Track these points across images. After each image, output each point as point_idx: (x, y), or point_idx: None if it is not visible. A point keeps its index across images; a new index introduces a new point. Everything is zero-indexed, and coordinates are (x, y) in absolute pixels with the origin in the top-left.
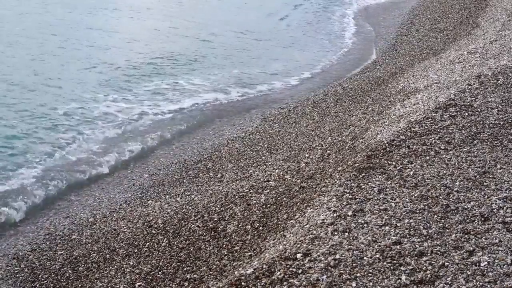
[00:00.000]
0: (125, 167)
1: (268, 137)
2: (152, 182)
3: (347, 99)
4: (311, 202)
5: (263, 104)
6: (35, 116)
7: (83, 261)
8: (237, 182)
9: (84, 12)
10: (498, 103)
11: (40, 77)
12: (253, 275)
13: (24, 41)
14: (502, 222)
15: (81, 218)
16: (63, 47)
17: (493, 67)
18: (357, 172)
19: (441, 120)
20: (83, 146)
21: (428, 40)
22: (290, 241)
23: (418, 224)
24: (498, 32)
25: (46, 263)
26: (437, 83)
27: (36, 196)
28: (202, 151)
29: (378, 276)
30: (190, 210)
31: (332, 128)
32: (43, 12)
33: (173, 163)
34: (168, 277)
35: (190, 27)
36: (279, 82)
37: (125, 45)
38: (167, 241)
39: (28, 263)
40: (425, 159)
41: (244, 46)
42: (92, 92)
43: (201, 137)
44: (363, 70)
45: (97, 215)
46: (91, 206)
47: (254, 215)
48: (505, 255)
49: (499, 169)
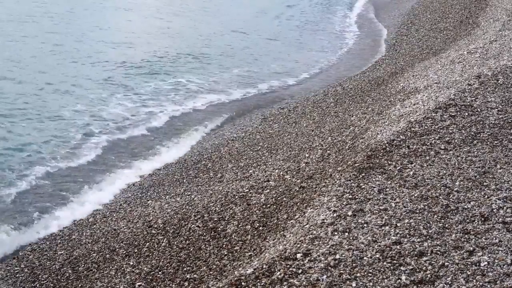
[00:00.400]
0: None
1: (268, 137)
2: (152, 182)
3: (347, 99)
4: (311, 202)
5: (264, 104)
6: (42, 118)
7: (83, 261)
8: (237, 182)
9: (85, 10)
10: (498, 103)
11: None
12: (253, 275)
13: (27, 40)
14: (502, 222)
15: (81, 218)
16: (69, 45)
17: (493, 67)
18: (357, 172)
19: (441, 120)
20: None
21: (428, 40)
22: (290, 241)
23: (418, 224)
24: (498, 32)
25: (46, 263)
26: (437, 83)
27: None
28: (202, 151)
29: (378, 276)
30: (190, 210)
31: (332, 128)
32: (44, 12)
33: (173, 163)
34: (168, 277)
35: (190, 26)
36: (278, 81)
37: (124, 44)
38: (167, 241)
39: (28, 263)
40: (425, 159)
41: (246, 45)
42: (94, 91)
43: (201, 137)
44: (364, 70)
45: (97, 215)
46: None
47: (254, 215)
48: (505, 255)
49: (499, 169)
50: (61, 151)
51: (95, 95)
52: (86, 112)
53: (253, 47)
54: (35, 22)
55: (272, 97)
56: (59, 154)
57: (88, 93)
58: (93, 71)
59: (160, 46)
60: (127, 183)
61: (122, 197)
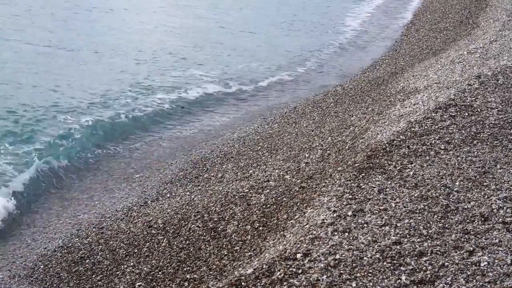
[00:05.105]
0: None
1: (268, 137)
2: (152, 182)
3: (347, 99)
4: (311, 202)
5: (264, 104)
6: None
7: (83, 261)
8: (237, 182)
9: (88, 9)
10: (498, 103)
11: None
12: (253, 275)
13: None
14: (502, 222)
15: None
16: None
17: (493, 67)
18: (357, 172)
19: (441, 120)
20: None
21: (428, 40)
22: (290, 241)
23: (418, 224)
24: (498, 32)
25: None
26: (437, 83)
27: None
28: (202, 151)
29: (378, 276)
30: (190, 210)
31: (332, 128)
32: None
33: (173, 163)
34: (168, 277)
35: (189, 25)
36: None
37: (130, 41)
38: (167, 241)
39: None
40: (425, 159)
41: (250, 41)
42: (96, 88)
43: (201, 137)
44: (364, 70)
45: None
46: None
47: (254, 215)
48: (505, 255)
49: (499, 169)
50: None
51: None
52: (87, 106)
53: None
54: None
55: (272, 97)
56: (59, 151)
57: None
58: (93, 68)
59: (157, 44)
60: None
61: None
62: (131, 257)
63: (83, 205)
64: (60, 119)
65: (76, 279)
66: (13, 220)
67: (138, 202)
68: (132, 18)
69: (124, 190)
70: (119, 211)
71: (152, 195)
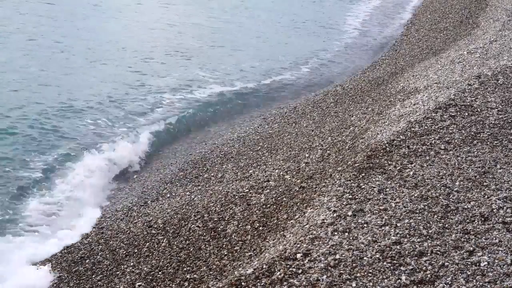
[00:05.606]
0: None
1: (268, 137)
2: (152, 182)
3: (347, 99)
4: (311, 202)
5: (264, 104)
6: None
7: (83, 261)
8: (237, 182)
9: (90, 8)
10: (498, 103)
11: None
12: (253, 275)
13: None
14: (502, 222)
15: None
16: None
17: (493, 67)
18: (357, 172)
19: (441, 120)
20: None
21: (428, 40)
22: (290, 241)
23: (418, 224)
24: (498, 32)
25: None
26: (437, 83)
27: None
28: (202, 151)
29: (378, 276)
30: (190, 210)
31: (332, 128)
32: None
33: (173, 163)
34: (168, 277)
35: (188, 24)
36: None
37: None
38: (167, 241)
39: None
40: (425, 159)
41: (256, 41)
42: (96, 88)
43: (201, 137)
44: (364, 70)
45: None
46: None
47: (254, 215)
48: (505, 255)
49: (499, 169)
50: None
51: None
52: (90, 108)
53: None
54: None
55: (272, 96)
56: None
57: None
58: (96, 67)
59: (157, 44)
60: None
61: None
62: (131, 257)
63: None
64: (60, 119)
65: (76, 279)
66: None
67: (138, 202)
68: (140, 17)
69: (124, 190)
70: (119, 211)
71: (152, 195)
